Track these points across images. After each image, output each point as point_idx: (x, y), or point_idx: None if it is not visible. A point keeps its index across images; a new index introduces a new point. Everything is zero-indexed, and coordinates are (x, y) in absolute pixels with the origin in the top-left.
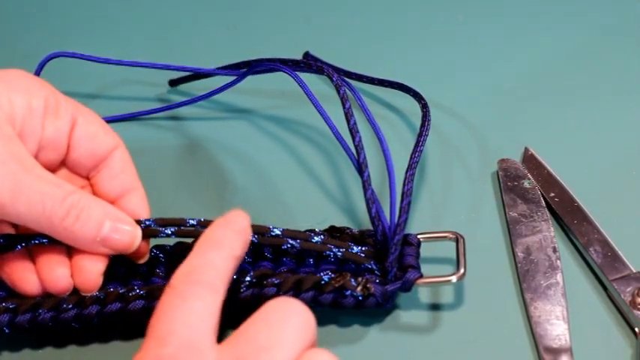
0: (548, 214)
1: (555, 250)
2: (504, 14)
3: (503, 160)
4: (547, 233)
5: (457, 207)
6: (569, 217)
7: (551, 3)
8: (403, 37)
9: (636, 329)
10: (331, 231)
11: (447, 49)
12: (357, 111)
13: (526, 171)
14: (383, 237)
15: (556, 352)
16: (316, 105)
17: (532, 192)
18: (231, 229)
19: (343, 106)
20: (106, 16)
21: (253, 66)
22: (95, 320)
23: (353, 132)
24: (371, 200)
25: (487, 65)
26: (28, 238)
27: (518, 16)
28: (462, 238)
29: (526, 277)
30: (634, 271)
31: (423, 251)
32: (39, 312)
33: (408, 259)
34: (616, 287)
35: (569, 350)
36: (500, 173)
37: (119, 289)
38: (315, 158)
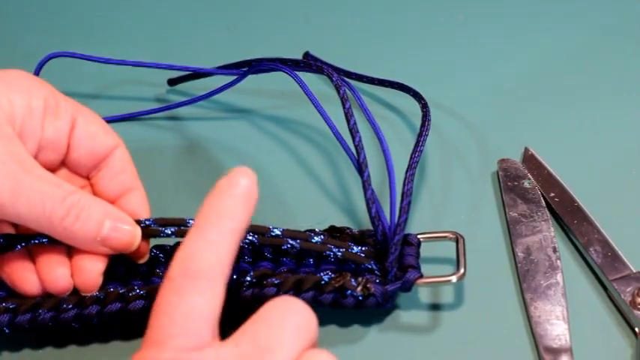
0: (548, 214)
1: (555, 250)
2: (504, 14)
3: (503, 160)
4: (547, 233)
5: (457, 207)
6: (569, 217)
7: (551, 3)
8: (403, 37)
9: (636, 329)
10: (331, 231)
11: (447, 49)
12: (357, 111)
13: (526, 171)
14: (383, 237)
15: (556, 352)
16: (316, 105)
17: (532, 192)
18: (234, 196)
19: (343, 106)
20: (106, 16)
21: (253, 66)
22: (95, 320)
23: (353, 132)
24: (371, 200)
25: (487, 65)
26: (28, 238)
27: (518, 16)
28: (462, 238)
29: (526, 277)
30: (634, 271)
31: (423, 251)
32: (39, 312)
33: (408, 259)
34: (616, 287)
35: (569, 350)
36: (500, 173)
37: (119, 289)
38: (315, 158)
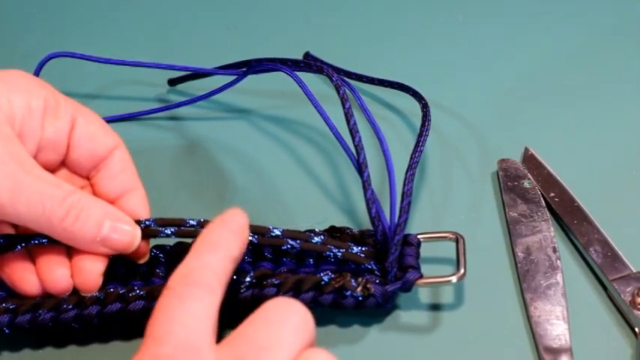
0: (548, 214)
1: (555, 250)
2: (504, 14)
3: (503, 160)
4: (547, 233)
5: (457, 207)
6: (569, 217)
7: (551, 3)
8: (403, 37)
9: (636, 329)
10: (331, 231)
11: (447, 49)
12: (357, 111)
13: (526, 171)
14: (383, 237)
15: (556, 352)
16: (316, 105)
17: (532, 192)
18: (228, 230)
19: (343, 106)
20: (106, 16)
21: (253, 66)
22: (95, 320)
23: (353, 132)
24: (371, 200)
25: (487, 65)
26: (28, 238)
27: (518, 16)
28: (462, 239)
29: (526, 277)
30: (634, 271)
31: (423, 251)
32: (39, 312)
33: (408, 260)
34: (616, 287)
35: (569, 350)
36: (500, 173)
37: (119, 290)
38: (314, 158)
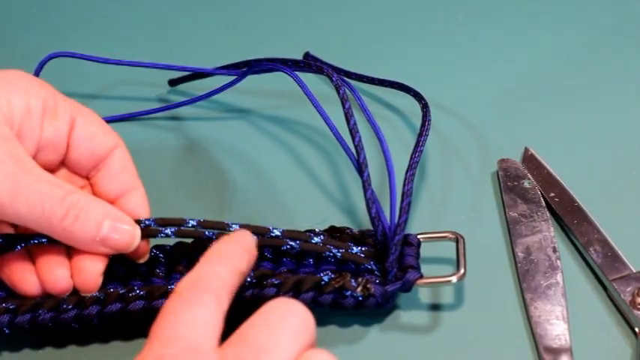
0: (548, 214)
1: (555, 250)
2: (504, 14)
3: (503, 160)
4: (547, 233)
5: (457, 207)
6: (569, 217)
7: (551, 3)
8: (403, 37)
9: (636, 329)
10: (331, 231)
11: (447, 49)
12: (357, 111)
13: (526, 171)
14: (383, 237)
15: (556, 352)
16: (316, 105)
17: (532, 192)
18: (237, 246)
19: (343, 106)
20: (106, 16)
21: (253, 66)
22: (95, 321)
23: (353, 132)
24: (371, 200)
25: (487, 65)
26: (28, 238)
27: (518, 16)
28: (462, 239)
29: (526, 277)
30: (634, 271)
31: (423, 251)
32: (39, 312)
33: (408, 260)
34: (616, 287)
35: (569, 350)
36: (500, 173)
37: (119, 290)
38: (314, 158)
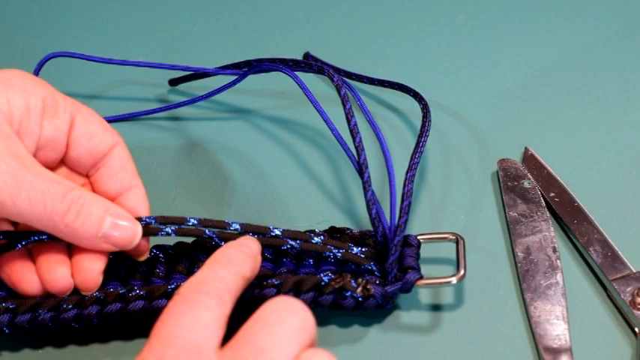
0: (548, 214)
1: (555, 250)
2: (505, 14)
3: (503, 160)
4: (547, 233)
5: (457, 207)
6: (569, 217)
7: (551, 3)
8: (403, 37)
9: (636, 329)
10: (331, 232)
11: (447, 50)
12: (357, 111)
13: (526, 171)
14: (383, 238)
15: (556, 352)
16: (316, 106)
17: (532, 192)
18: (242, 251)
19: (344, 107)
20: (106, 16)
21: (254, 66)
22: (95, 320)
23: (353, 133)
24: (371, 201)
25: (487, 65)
26: (28, 235)
27: (518, 17)
28: (462, 240)
29: (526, 277)
30: (634, 271)
31: (423, 251)
32: (39, 312)
33: (408, 261)
34: (616, 287)
35: (569, 350)
36: (500, 173)
37: (119, 290)
38: (314, 158)
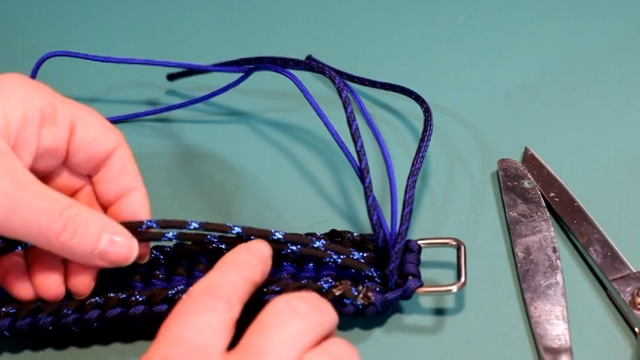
0: (548, 214)
1: (555, 250)
2: (505, 14)
3: (503, 160)
4: (547, 233)
5: (457, 207)
6: (569, 217)
7: (551, 4)
8: (403, 37)
9: (636, 329)
10: (332, 235)
11: (448, 50)
12: (356, 113)
13: (526, 171)
14: (384, 244)
15: (556, 352)
16: (317, 110)
17: (532, 192)
18: (253, 255)
19: (345, 110)
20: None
21: (254, 65)
22: (95, 325)
23: (355, 137)
24: (372, 207)
25: (487, 65)
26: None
27: (518, 17)
28: (464, 246)
29: (526, 277)
30: (634, 271)
31: (423, 254)
32: (39, 317)
33: (409, 267)
34: (616, 287)
35: (569, 350)
36: (500, 173)
37: (119, 295)
38: (314, 161)
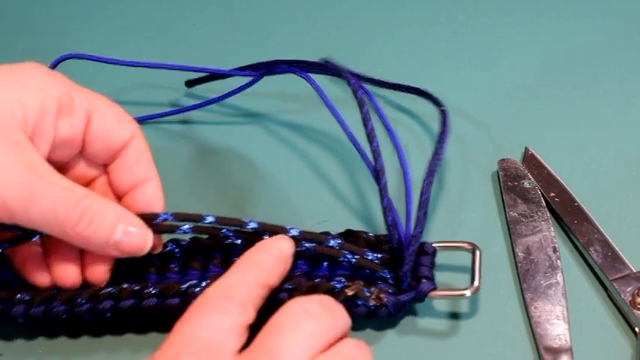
0: (548, 214)
1: (555, 250)
2: (505, 14)
3: (503, 160)
4: (547, 233)
5: (457, 207)
6: (569, 217)
7: (551, 4)
8: (403, 37)
9: (636, 329)
10: (347, 235)
11: (448, 50)
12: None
13: (526, 171)
14: (398, 246)
15: (556, 352)
16: (332, 110)
17: (532, 192)
18: (273, 256)
19: (361, 110)
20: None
21: (270, 68)
22: (108, 315)
23: (370, 137)
24: (387, 208)
25: (487, 65)
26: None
27: (518, 17)
28: (479, 250)
29: (526, 277)
30: (634, 271)
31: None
32: (53, 305)
33: (423, 270)
34: (616, 287)
35: (569, 350)
36: (500, 173)
37: (133, 286)
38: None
